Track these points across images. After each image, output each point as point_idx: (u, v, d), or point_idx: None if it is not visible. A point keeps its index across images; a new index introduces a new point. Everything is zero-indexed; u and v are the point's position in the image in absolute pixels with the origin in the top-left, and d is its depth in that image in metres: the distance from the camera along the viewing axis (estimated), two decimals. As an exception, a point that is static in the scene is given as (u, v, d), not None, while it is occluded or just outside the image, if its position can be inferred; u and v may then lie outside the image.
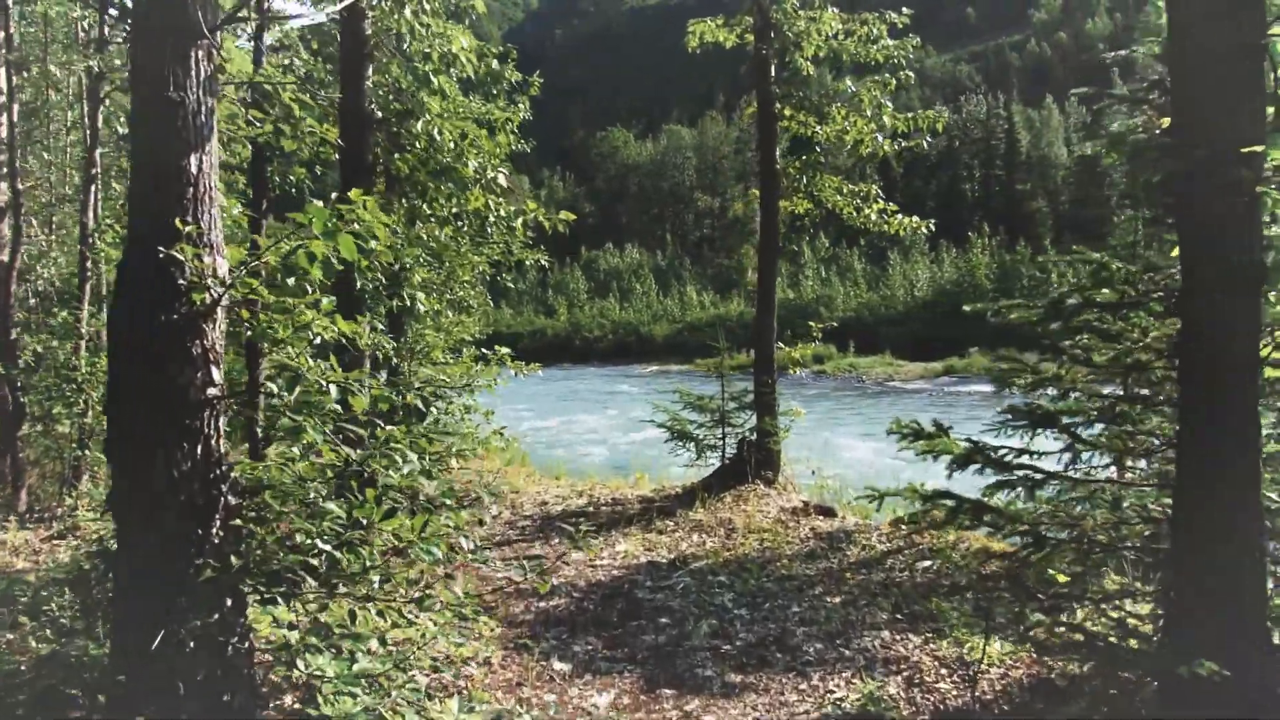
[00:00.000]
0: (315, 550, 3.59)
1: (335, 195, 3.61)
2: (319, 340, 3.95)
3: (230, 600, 3.62)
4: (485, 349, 10.48)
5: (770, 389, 10.26)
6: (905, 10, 10.02)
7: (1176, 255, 3.84)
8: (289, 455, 4.00)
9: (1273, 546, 4.03)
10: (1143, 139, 3.57)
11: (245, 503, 3.76)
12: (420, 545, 3.48)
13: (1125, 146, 3.58)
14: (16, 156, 9.96)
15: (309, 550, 3.58)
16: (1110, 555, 4.33)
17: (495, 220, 8.21)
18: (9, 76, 9.79)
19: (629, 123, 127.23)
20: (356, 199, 3.56)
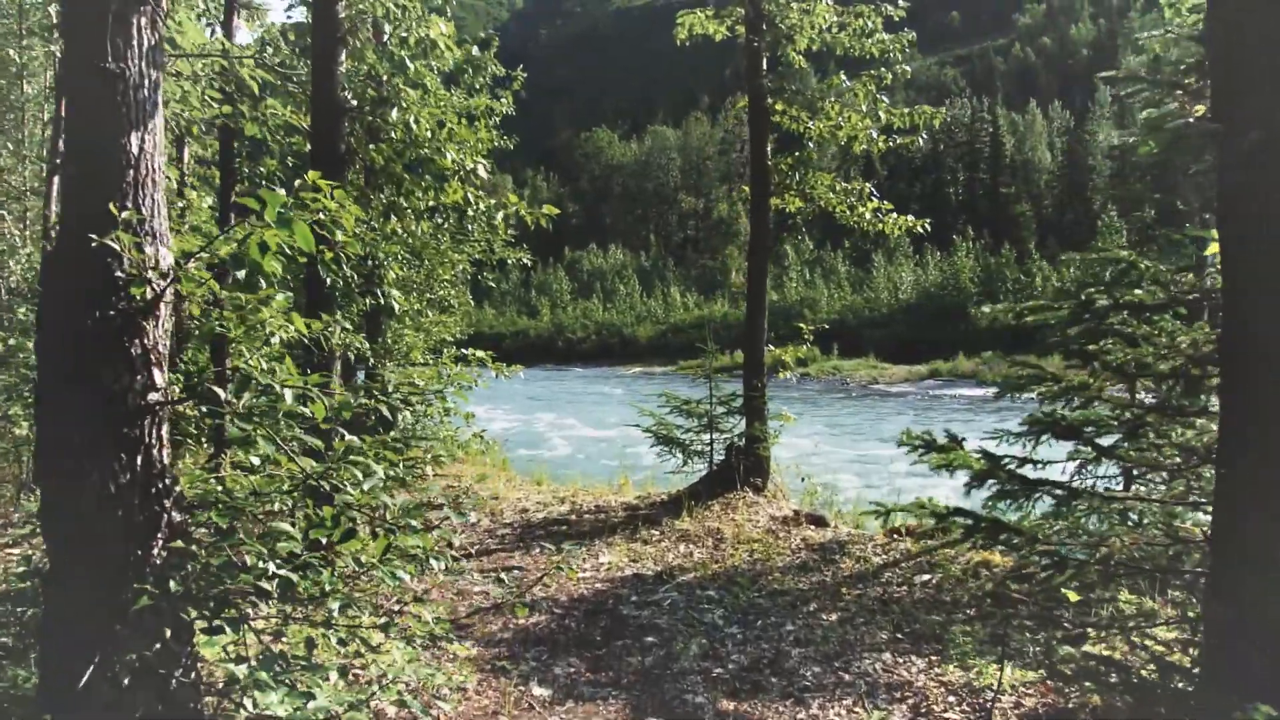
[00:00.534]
0: (268, 574, 3.22)
1: (298, 183, 3.25)
2: (276, 339, 3.60)
3: (172, 629, 3.24)
4: (465, 350, 10.08)
5: (760, 392, 9.92)
6: (901, 2, 9.71)
7: (1213, 252, 3.54)
8: (245, 466, 3.63)
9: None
10: (1181, 125, 3.25)
11: (190, 519, 3.38)
12: (382, 570, 3.11)
13: (1163, 134, 3.26)
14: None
15: (260, 574, 3.21)
16: (1140, 578, 4.01)
17: (475, 215, 7.81)
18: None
19: (614, 123, 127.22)
20: (324, 186, 3.21)
